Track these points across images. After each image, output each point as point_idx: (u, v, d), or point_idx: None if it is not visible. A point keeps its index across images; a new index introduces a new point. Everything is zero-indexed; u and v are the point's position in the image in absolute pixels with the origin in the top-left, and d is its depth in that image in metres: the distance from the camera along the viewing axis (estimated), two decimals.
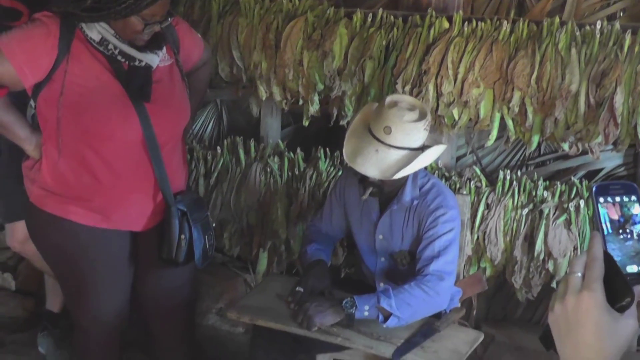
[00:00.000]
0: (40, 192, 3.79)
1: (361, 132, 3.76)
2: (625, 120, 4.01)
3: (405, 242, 3.88)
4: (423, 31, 4.42)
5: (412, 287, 3.65)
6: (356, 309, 3.62)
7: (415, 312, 3.69)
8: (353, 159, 3.69)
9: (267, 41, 4.75)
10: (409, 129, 3.63)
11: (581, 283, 1.26)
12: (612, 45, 4.06)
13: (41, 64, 3.54)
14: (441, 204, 3.79)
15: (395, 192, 3.83)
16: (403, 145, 3.64)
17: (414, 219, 3.83)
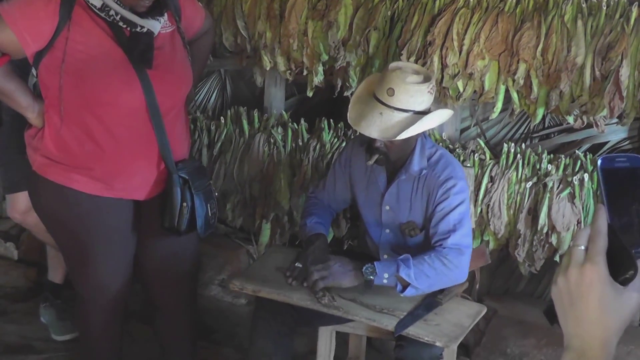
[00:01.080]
0: (43, 160, 3.76)
1: (366, 98, 3.74)
2: (631, 94, 4.00)
3: (413, 213, 3.85)
4: (428, 2, 4.40)
5: (433, 259, 3.65)
6: (375, 275, 3.62)
7: (433, 284, 3.69)
8: (357, 123, 3.67)
9: (272, 11, 4.73)
10: (413, 91, 3.60)
11: (584, 256, 1.23)
12: (619, 18, 4.04)
13: (42, 30, 3.51)
14: (451, 174, 3.77)
15: (403, 163, 3.81)
16: (407, 107, 3.60)
17: (422, 190, 3.80)
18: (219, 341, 4.68)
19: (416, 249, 3.84)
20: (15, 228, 5.34)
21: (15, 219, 4.87)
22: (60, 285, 4.91)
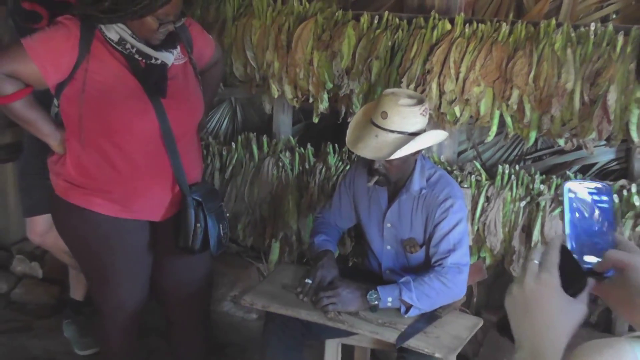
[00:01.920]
0: (64, 184, 3.78)
1: (363, 123, 3.77)
2: (618, 117, 4.01)
3: (414, 230, 3.85)
4: (427, 32, 4.42)
5: (432, 280, 3.66)
6: (380, 300, 3.64)
7: (434, 303, 3.70)
8: (354, 145, 3.69)
9: (279, 42, 4.75)
10: (405, 113, 3.61)
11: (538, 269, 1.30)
12: (606, 46, 4.05)
13: (63, 63, 3.55)
14: (449, 194, 3.77)
15: (403, 183, 3.82)
16: (400, 129, 3.61)
17: (422, 208, 3.80)
18: (232, 355, 4.67)
19: (417, 264, 3.86)
20: (40, 249, 5.34)
21: (34, 240, 4.87)
22: (82, 302, 4.92)
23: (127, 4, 3.44)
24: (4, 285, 5.54)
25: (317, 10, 4.76)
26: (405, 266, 3.89)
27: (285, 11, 4.83)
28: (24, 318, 5.27)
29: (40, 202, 4.33)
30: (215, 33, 4.80)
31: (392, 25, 4.57)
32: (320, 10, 4.75)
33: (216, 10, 5.01)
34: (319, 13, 4.73)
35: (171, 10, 3.52)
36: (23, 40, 3.57)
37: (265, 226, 5.14)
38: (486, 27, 4.32)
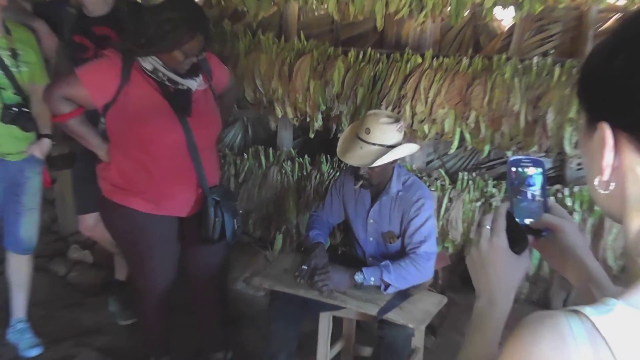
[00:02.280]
0: (109, 187, 3.78)
1: (350, 138, 3.78)
2: (555, 134, 4.03)
3: (392, 225, 3.85)
4: (402, 65, 4.41)
5: (407, 264, 3.69)
6: (364, 279, 3.67)
7: (408, 282, 3.72)
8: (343, 155, 3.72)
9: (282, 72, 4.73)
10: (385, 129, 3.64)
11: (490, 233, 1.32)
12: (545, 75, 4.06)
13: (108, 88, 3.56)
14: (421, 195, 3.78)
15: (384, 186, 3.82)
16: (380, 142, 3.64)
17: (399, 207, 3.81)
18: (244, 325, 4.65)
19: (394, 252, 3.85)
20: (90, 239, 5.33)
21: (84, 233, 4.86)
22: (124, 282, 4.89)
23: (159, 41, 3.47)
24: (62, 269, 5.51)
25: (313, 47, 4.74)
26: (384, 253, 3.88)
27: (287, 47, 4.82)
28: (78, 296, 5.24)
29: (89, 203, 4.31)
30: (231, 65, 4.78)
31: (374, 59, 4.56)
32: (315, 47, 4.74)
33: (231, 47, 5.01)
34: (314, 49, 4.72)
35: (194, 46, 3.53)
36: (76, 69, 3.61)
37: (270, 221, 5.13)
38: (450, 61, 4.31)
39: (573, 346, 0.94)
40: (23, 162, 4.18)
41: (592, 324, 0.94)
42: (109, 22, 4.40)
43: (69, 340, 4.57)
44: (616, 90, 1.01)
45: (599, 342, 0.93)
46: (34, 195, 4.30)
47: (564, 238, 1.35)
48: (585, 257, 1.35)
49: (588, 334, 0.94)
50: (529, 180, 1.32)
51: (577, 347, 0.94)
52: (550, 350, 0.95)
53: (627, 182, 1.03)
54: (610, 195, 1.05)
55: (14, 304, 4.48)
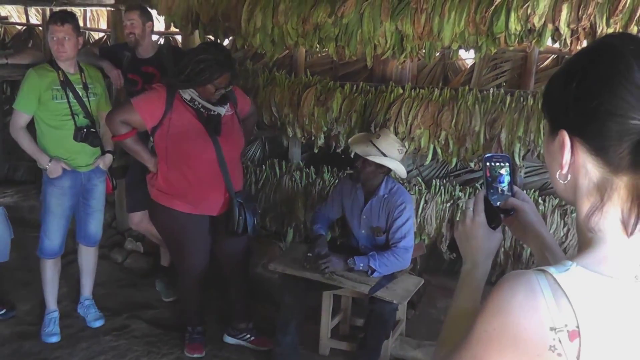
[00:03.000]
0: (156, 192, 3.81)
1: (362, 138, 3.91)
2: (507, 149, 4.03)
3: (379, 221, 3.87)
4: (387, 95, 4.40)
5: (390, 255, 3.74)
6: (355, 264, 3.73)
7: (389, 269, 3.76)
8: (352, 145, 3.86)
9: (293, 101, 4.72)
10: (390, 142, 3.77)
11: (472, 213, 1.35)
12: (499, 103, 4.07)
13: (156, 114, 3.60)
14: (404, 200, 3.82)
15: (374, 190, 3.86)
16: (381, 148, 3.75)
17: (385, 208, 3.84)
18: (262, 299, 4.65)
19: (381, 244, 3.87)
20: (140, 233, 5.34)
21: (132, 227, 4.92)
22: (168, 267, 4.88)
23: (195, 77, 3.52)
24: (120, 257, 5.50)
25: (317, 81, 4.73)
26: (374, 244, 3.90)
27: (297, 82, 4.81)
28: (132, 278, 5.24)
29: (137, 203, 4.38)
30: (252, 95, 4.77)
31: (365, 91, 4.55)
32: (319, 81, 4.73)
33: (252, 81, 4.99)
34: (318, 83, 4.71)
35: (223, 81, 3.59)
36: (132, 99, 3.68)
37: (283, 218, 5.11)
38: (425, 92, 4.31)
39: (541, 296, 0.99)
40: (90, 173, 4.20)
41: (554, 279, 1.00)
42: (153, 63, 4.45)
43: (125, 313, 4.57)
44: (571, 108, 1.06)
45: (559, 293, 0.99)
46: (99, 199, 4.32)
47: (526, 216, 1.39)
48: (542, 230, 1.39)
49: (551, 287, 0.99)
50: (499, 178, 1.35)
51: (544, 297, 0.99)
52: (523, 299, 1.00)
53: (580, 175, 1.08)
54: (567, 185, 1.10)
55: (82, 285, 4.51)
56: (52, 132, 4.01)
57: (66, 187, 4.10)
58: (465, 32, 3.71)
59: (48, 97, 3.94)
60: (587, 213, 1.08)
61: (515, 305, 1.00)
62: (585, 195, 1.09)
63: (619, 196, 1.05)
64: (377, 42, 4.02)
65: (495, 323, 1.02)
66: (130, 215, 4.74)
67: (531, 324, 0.99)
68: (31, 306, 4.58)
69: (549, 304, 0.98)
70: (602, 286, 1.00)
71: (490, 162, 1.36)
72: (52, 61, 4.02)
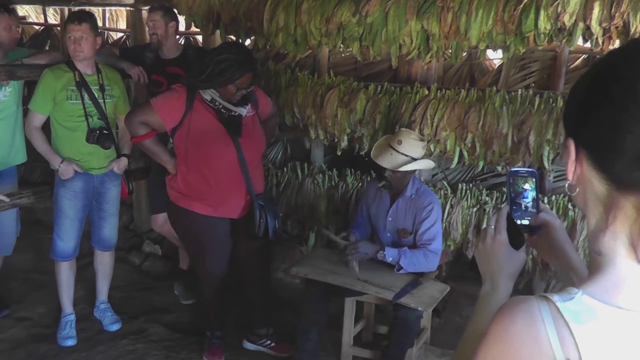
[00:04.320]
0: (176, 194, 3.84)
1: (383, 146, 3.89)
2: (536, 152, 3.99)
3: (406, 223, 3.88)
4: (412, 96, 4.38)
5: (420, 255, 3.77)
6: (385, 256, 3.75)
7: (416, 268, 3.78)
8: (376, 157, 3.83)
9: (315, 102, 4.73)
10: (413, 144, 3.79)
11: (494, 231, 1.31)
12: (528, 104, 4.04)
13: (176, 114, 3.64)
14: (431, 201, 3.84)
15: (400, 190, 3.87)
16: (407, 153, 3.76)
17: (412, 209, 3.85)
18: (283, 304, 4.66)
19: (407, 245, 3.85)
20: (160, 236, 5.38)
21: (155, 229, 4.94)
22: (186, 271, 4.92)
23: (216, 77, 3.55)
24: (137, 260, 5.56)
25: (340, 82, 4.73)
26: (398, 246, 3.88)
27: (319, 82, 4.81)
28: (150, 281, 5.29)
29: (160, 205, 4.37)
30: (274, 96, 4.79)
31: (389, 92, 4.53)
32: (342, 82, 4.73)
33: (274, 82, 5.01)
34: (341, 84, 4.71)
35: (244, 81, 3.61)
36: (151, 100, 3.74)
37: (305, 222, 5.11)
38: (451, 93, 4.29)
39: (541, 325, 0.95)
40: (104, 176, 4.22)
41: (557, 308, 0.96)
42: (179, 63, 4.50)
43: (142, 317, 4.62)
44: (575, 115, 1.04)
45: (560, 323, 0.95)
46: (113, 203, 4.33)
47: (553, 234, 1.35)
48: (569, 250, 1.35)
49: (553, 317, 0.95)
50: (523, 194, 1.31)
51: (545, 327, 0.95)
52: (523, 327, 0.97)
53: (587, 189, 1.04)
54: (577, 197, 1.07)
55: (98, 289, 4.55)
56: (65, 133, 4.06)
57: (78, 190, 4.13)
58: (493, 31, 3.70)
59: (62, 97, 3.98)
60: (594, 231, 1.04)
61: (515, 333, 0.97)
62: (591, 211, 1.04)
63: (626, 217, 0.99)
64: (402, 42, 4.03)
65: (495, 351, 0.99)
66: (154, 217, 4.78)
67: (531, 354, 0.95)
68: (47, 309, 4.64)
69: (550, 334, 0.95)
70: (610, 318, 0.95)
71: (514, 176, 1.32)
72: (70, 62, 4.06)
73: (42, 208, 5.72)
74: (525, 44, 3.69)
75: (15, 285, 4.96)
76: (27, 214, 5.59)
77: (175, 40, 4.65)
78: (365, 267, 3.83)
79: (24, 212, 5.09)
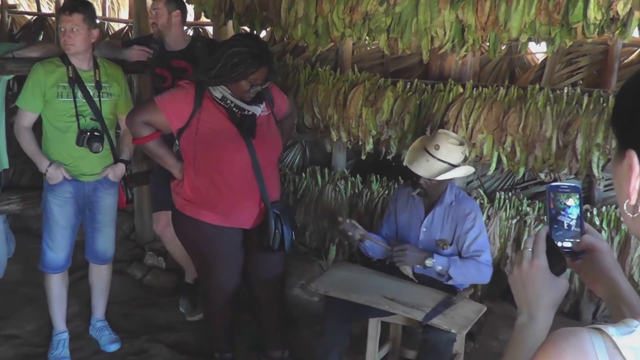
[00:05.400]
0: (182, 201, 3.83)
1: (418, 149, 3.86)
2: (583, 158, 3.96)
3: (444, 233, 3.87)
4: (445, 94, 4.38)
5: (472, 265, 3.75)
6: (434, 264, 3.74)
7: (466, 279, 3.79)
8: (411, 164, 3.79)
9: (338, 101, 4.74)
10: (452, 148, 3.73)
11: (531, 255, 1.28)
12: (575, 104, 4.01)
13: (183, 114, 3.63)
14: (473, 208, 3.85)
15: (437, 198, 3.87)
16: (445, 159, 3.72)
17: (452, 217, 3.84)
18: (300, 325, 4.66)
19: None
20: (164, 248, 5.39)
21: (157, 231, 4.93)
22: (192, 285, 4.94)
23: (228, 72, 3.54)
24: (138, 273, 5.57)
25: (366, 78, 4.74)
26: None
27: (342, 79, 4.83)
28: (152, 296, 5.30)
29: (164, 201, 4.36)
30: (292, 94, 4.81)
31: (420, 89, 4.54)
32: (367, 78, 4.74)
33: (292, 78, 5.03)
34: (366, 80, 4.72)
35: (259, 76, 3.59)
36: (155, 98, 3.72)
37: (325, 233, 5.14)
38: (488, 91, 4.28)
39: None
40: (96, 183, 4.19)
41: (613, 343, 0.92)
42: (185, 56, 4.52)
43: (144, 336, 4.62)
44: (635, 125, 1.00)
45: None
46: (107, 213, 4.30)
47: (600, 259, 1.32)
48: (618, 277, 1.31)
49: (609, 353, 0.92)
50: (566, 210, 1.29)
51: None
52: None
53: None
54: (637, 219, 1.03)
55: (94, 305, 4.55)
56: (55, 135, 4.04)
57: (68, 196, 4.11)
58: (536, 22, 3.68)
59: (53, 94, 3.96)
60: None
61: None
62: None
63: None
64: (435, 34, 4.02)
65: None
66: (156, 215, 4.80)
67: None
68: (38, 326, 4.66)
69: None
70: None
71: (554, 192, 1.31)
72: (65, 55, 4.03)
73: (33, 215, 5.76)
74: (572, 36, 3.66)
75: (2, 300, 4.97)
76: (16, 222, 5.63)
77: (180, 30, 4.66)
78: (391, 283, 3.82)
79: (12, 219, 5.12)
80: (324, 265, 5.08)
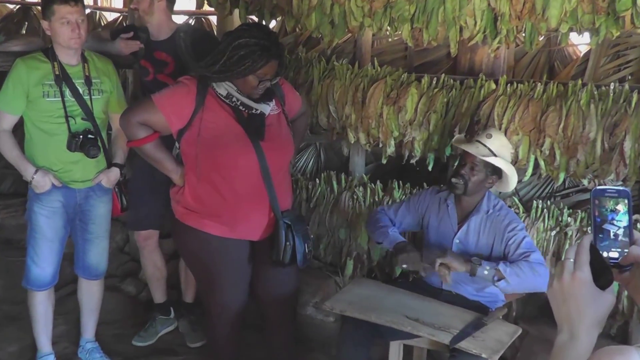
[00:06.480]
0: (183, 210, 3.83)
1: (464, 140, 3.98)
2: (632, 162, 3.92)
3: (480, 247, 3.86)
4: (475, 91, 4.37)
5: (524, 265, 3.66)
6: (480, 266, 3.67)
7: (521, 283, 3.67)
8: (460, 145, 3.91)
9: (356, 98, 4.74)
10: (504, 142, 3.88)
11: (573, 266, 1.28)
12: (623, 102, 3.97)
13: (183, 113, 3.63)
14: (512, 218, 3.86)
15: (472, 208, 3.89)
16: (495, 151, 3.79)
17: (489, 228, 3.84)
18: (313, 348, 4.66)
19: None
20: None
21: (138, 242, 4.89)
22: (192, 304, 4.95)
23: (233, 66, 3.53)
24: (133, 289, 5.59)
25: (387, 74, 4.74)
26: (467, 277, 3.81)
27: (361, 74, 4.83)
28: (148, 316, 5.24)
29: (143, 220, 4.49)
30: (305, 91, 4.82)
31: (447, 86, 4.53)
32: (389, 73, 4.73)
33: (305, 73, 5.04)
34: (388, 76, 4.71)
35: (268, 71, 3.58)
36: (153, 95, 3.69)
37: (342, 246, 5.14)
38: (524, 87, 4.26)
39: None
40: (88, 190, 4.19)
41: None
42: (166, 48, 4.47)
43: None
44: None
45: None
46: (100, 223, 4.30)
47: None
48: None
49: None
50: (612, 217, 1.28)
51: None
52: None
53: None
54: None
55: (83, 324, 4.55)
56: (42, 138, 4.01)
57: (57, 206, 4.10)
58: (578, 10, 3.67)
59: (38, 94, 3.93)
60: None
61: None
62: None
63: None
64: (464, 24, 4.02)
65: None
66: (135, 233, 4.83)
67: None
68: (20, 347, 4.66)
69: None
70: None
71: (600, 197, 1.30)
72: (48, 50, 4.02)
73: (14, 225, 5.76)
74: (619, 26, 3.65)
75: None
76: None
77: (164, 18, 4.54)
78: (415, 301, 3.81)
79: None
80: (340, 282, 5.08)
